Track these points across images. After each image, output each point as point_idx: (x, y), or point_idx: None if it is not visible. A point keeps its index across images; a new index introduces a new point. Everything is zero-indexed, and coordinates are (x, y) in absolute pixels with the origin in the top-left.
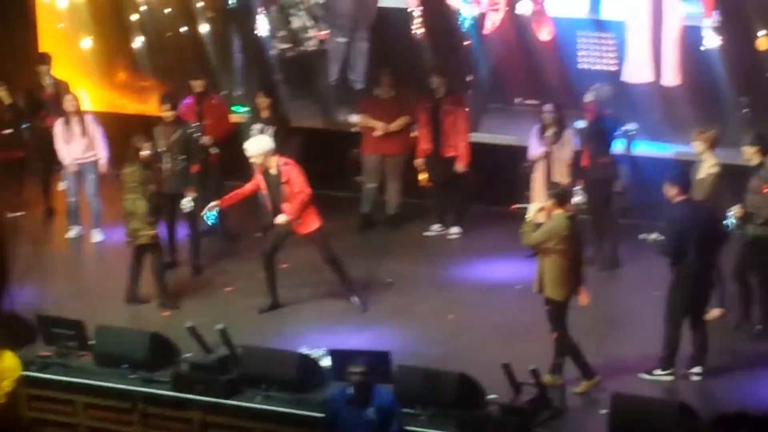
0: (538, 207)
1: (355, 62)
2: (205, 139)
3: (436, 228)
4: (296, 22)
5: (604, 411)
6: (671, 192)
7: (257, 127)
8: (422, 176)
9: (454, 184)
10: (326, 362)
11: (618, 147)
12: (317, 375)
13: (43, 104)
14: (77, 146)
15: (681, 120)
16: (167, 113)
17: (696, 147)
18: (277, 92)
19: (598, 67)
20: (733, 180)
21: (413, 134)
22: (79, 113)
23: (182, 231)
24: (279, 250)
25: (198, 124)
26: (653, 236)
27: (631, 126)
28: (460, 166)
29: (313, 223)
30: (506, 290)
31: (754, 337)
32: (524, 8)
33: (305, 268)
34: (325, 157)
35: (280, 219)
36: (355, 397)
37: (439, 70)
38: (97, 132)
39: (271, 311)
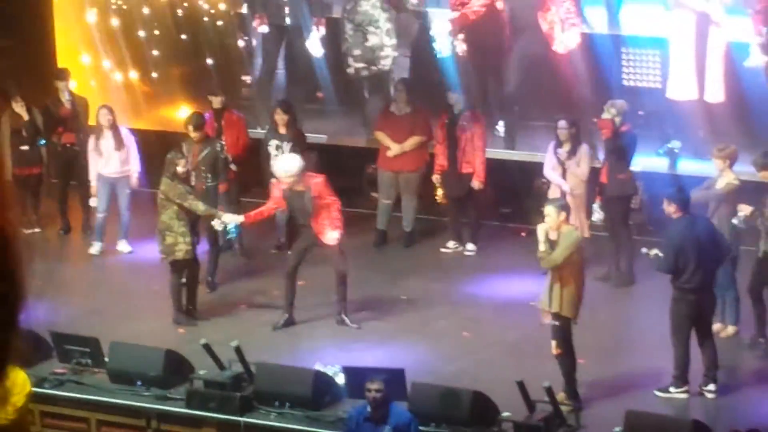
0: (546, 227)
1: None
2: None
3: (451, 245)
4: (373, 40)
5: (618, 428)
6: (669, 209)
7: (274, 143)
8: (438, 193)
9: (470, 200)
10: (341, 379)
11: (636, 162)
12: (332, 392)
13: (61, 121)
14: (113, 160)
15: (726, 137)
16: (194, 134)
17: (716, 164)
18: (294, 108)
19: (642, 84)
20: (751, 196)
21: (430, 150)
22: (114, 126)
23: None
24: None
25: (223, 142)
26: (653, 252)
27: (674, 143)
28: (476, 183)
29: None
30: (521, 307)
31: None
32: (571, 42)
33: (320, 285)
34: (341, 173)
35: (333, 237)
36: (373, 415)
37: (455, 86)
38: (132, 145)
39: (286, 328)
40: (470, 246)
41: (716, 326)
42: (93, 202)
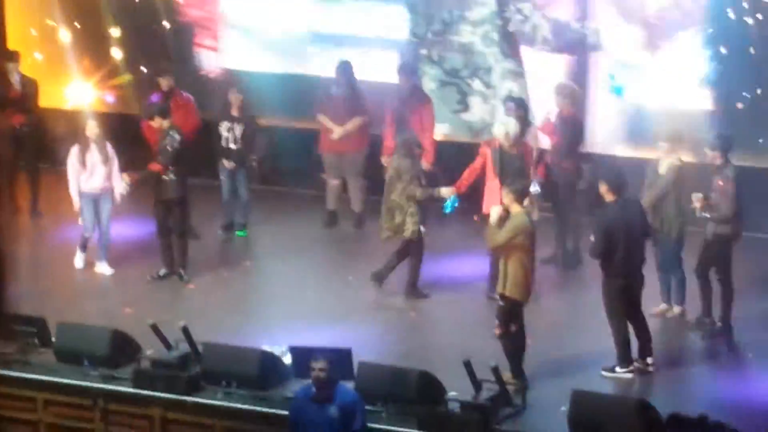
0: (500, 210)
1: None
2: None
3: None
4: None
5: (564, 408)
6: (602, 189)
7: (226, 124)
8: (387, 174)
9: None
10: (287, 359)
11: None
12: (279, 372)
13: (11, 102)
14: (98, 175)
15: None
16: (156, 124)
17: (661, 146)
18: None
19: None
20: (695, 178)
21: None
22: (101, 140)
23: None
24: None
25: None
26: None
27: None
28: (425, 164)
29: None
30: (468, 288)
31: (714, 334)
32: None
33: (267, 263)
34: (292, 154)
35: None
36: (318, 395)
37: (401, 68)
38: (115, 159)
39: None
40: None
41: (662, 306)
42: (81, 221)
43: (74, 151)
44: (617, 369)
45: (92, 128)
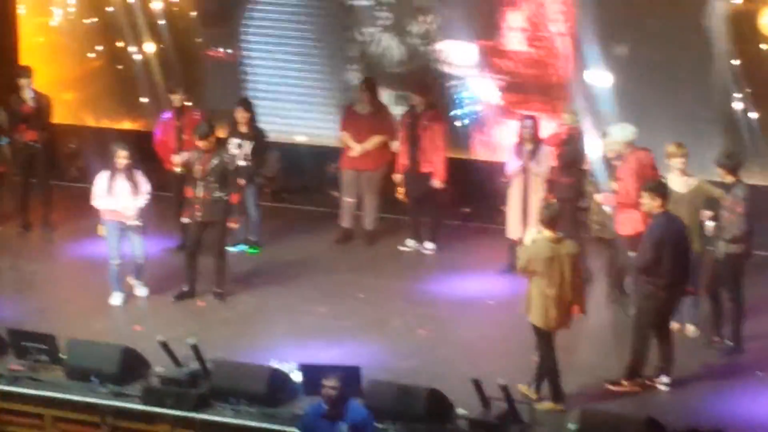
0: (535, 232)
1: None
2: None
3: (410, 243)
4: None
5: (572, 425)
6: (653, 203)
7: (235, 141)
8: (399, 191)
9: (429, 199)
10: (297, 376)
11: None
12: (287, 389)
13: (24, 118)
14: (122, 204)
15: None
16: (200, 143)
17: (675, 163)
18: (254, 107)
19: None
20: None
21: (395, 149)
22: (131, 169)
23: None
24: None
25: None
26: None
27: None
28: (436, 182)
29: (627, 227)
30: (478, 306)
31: (725, 354)
32: None
33: (278, 280)
34: (304, 171)
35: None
36: (329, 412)
37: (418, 86)
38: (145, 189)
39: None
40: (429, 245)
41: (673, 325)
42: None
43: (102, 177)
44: (623, 382)
45: (122, 158)
